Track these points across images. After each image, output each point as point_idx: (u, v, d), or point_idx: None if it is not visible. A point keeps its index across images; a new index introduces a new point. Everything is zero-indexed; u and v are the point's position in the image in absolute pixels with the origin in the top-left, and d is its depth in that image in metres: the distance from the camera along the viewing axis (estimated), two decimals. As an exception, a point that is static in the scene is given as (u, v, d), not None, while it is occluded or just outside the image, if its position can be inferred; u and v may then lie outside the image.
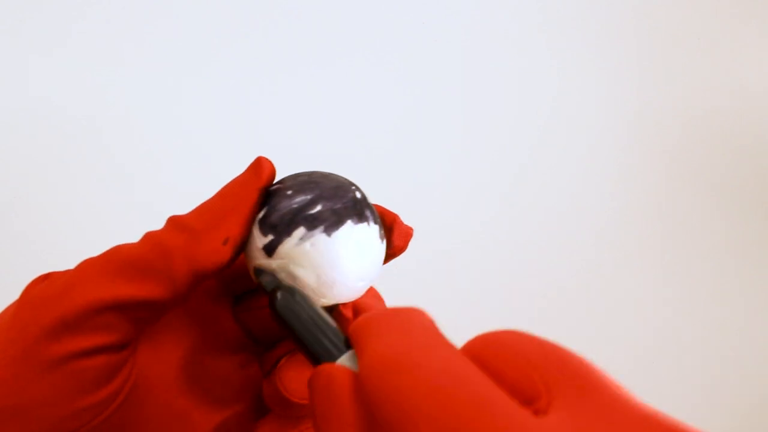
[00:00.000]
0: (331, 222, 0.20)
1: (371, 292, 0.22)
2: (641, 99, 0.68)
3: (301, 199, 0.20)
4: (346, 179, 0.22)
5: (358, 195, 0.21)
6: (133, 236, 0.20)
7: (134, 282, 0.17)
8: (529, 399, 0.12)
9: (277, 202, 0.20)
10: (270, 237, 0.20)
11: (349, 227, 0.20)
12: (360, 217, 0.20)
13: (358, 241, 0.20)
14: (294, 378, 0.20)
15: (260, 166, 0.20)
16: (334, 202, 0.21)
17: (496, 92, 0.65)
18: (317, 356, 0.16)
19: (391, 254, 0.22)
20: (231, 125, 0.58)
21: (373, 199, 0.24)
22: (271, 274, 0.20)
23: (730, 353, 0.63)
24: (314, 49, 0.62)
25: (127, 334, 0.17)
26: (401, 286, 0.56)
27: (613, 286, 0.62)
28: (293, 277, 0.20)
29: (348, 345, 0.16)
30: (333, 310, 0.22)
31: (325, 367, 0.15)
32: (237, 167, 0.24)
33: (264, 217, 0.20)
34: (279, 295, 0.18)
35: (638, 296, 0.62)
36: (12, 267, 0.50)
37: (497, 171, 0.62)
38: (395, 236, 0.21)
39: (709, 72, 0.71)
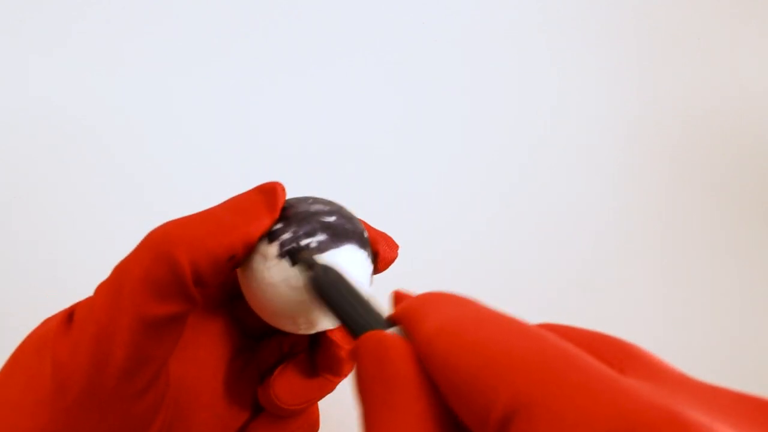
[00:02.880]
0: (340, 235, 0.20)
1: None
2: (641, 99, 0.68)
3: (318, 207, 0.21)
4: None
5: (365, 234, 0.21)
6: (134, 237, 0.20)
7: (160, 300, 0.17)
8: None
9: (294, 210, 0.20)
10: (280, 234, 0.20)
11: (353, 248, 0.20)
12: (364, 248, 0.20)
13: (355, 265, 0.20)
14: (286, 388, 0.21)
15: (275, 193, 0.19)
16: (350, 223, 0.21)
17: (496, 92, 0.65)
18: (359, 329, 0.16)
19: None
20: (231, 125, 0.58)
21: (371, 199, 0.24)
22: (307, 252, 0.19)
23: (730, 353, 0.63)
24: (314, 50, 0.62)
25: (171, 349, 0.18)
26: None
27: (613, 286, 0.62)
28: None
29: (390, 324, 0.15)
30: (322, 335, 0.22)
31: (374, 332, 0.14)
32: (237, 168, 0.24)
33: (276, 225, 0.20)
34: (320, 271, 0.18)
35: (638, 297, 0.62)
36: (12, 267, 0.50)
37: (497, 171, 0.62)
38: (379, 262, 0.22)
39: (709, 72, 0.71)
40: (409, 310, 0.14)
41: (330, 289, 0.17)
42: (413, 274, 0.59)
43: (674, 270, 0.64)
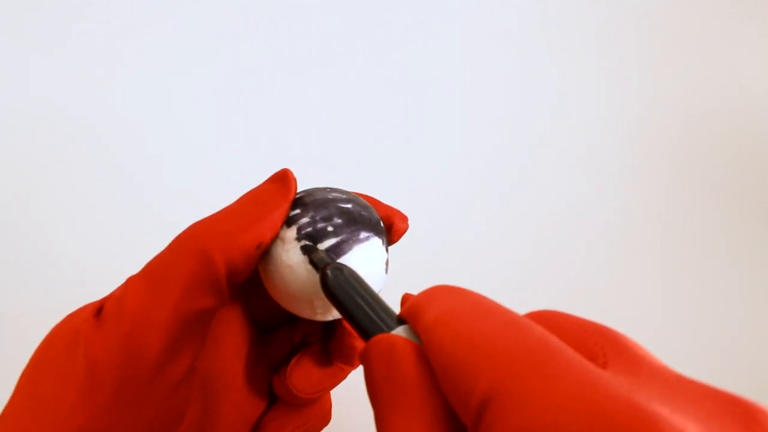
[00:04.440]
0: (356, 221, 0.21)
1: None
2: (641, 99, 0.68)
3: (336, 195, 0.21)
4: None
5: (381, 224, 0.22)
6: (135, 237, 0.21)
7: (196, 296, 0.18)
8: (587, 358, 0.13)
9: (312, 197, 0.21)
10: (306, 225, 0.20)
11: (368, 235, 0.21)
12: (379, 235, 0.21)
13: (371, 252, 0.21)
14: (303, 377, 0.21)
15: (288, 179, 0.21)
16: (366, 211, 0.22)
17: (496, 92, 0.65)
18: (369, 331, 0.16)
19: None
20: (231, 125, 0.58)
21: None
22: (322, 252, 0.20)
23: (730, 353, 0.63)
24: (314, 49, 0.62)
25: (202, 344, 0.18)
26: (400, 288, 0.56)
27: (613, 286, 0.62)
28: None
29: (400, 322, 0.16)
30: (337, 324, 0.23)
31: (383, 336, 0.15)
32: (238, 168, 0.24)
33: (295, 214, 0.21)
34: (329, 272, 0.19)
35: (638, 297, 0.62)
36: (12, 267, 0.50)
37: (497, 171, 0.62)
38: (393, 233, 0.23)
39: (709, 72, 0.71)
40: (413, 305, 0.15)
41: (339, 290, 0.18)
42: (413, 273, 0.59)
43: (674, 270, 0.64)
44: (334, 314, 0.21)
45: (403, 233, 0.24)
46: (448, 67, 0.64)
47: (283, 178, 0.21)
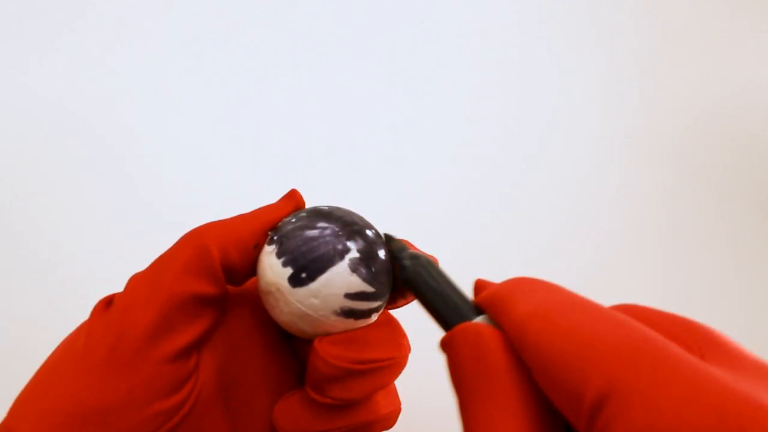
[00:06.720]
0: (319, 215, 0.21)
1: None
2: (641, 100, 0.68)
3: (324, 205, 0.22)
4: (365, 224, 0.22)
5: (364, 231, 0.21)
6: (134, 237, 0.21)
7: (192, 280, 0.19)
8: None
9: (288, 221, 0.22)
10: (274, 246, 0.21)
11: (327, 225, 0.20)
12: (348, 238, 0.20)
13: (324, 244, 0.20)
14: (284, 413, 0.21)
15: (294, 196, 0.23)
16: (341, 211, 0.21)
17: (496, 92, 0.65)
18: (449, 321, 0.16)
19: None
20: (232, 126, 0.58)
21: (370, 201, 0.24)
22: (399, 241, 0.20)
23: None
24: (313, 49, 0.62)
25: (202, 329, 0.20)
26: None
27: (613, 286, 0.62)
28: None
29: (478, 312, 0.16)
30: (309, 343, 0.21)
31: (470, 324, 0.14)
32: (238, 168, 0.24)
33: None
34: (407, 262, 0.19)
35: (638, 297, 0.62)
36: (11, 267, 0.50)
37: (497, 172, 0.62)
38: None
39: (710, 72, 0.71)
40: (497, 297, 0.15)
41: (418, 278, 0.18)
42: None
43: (675, 269, 0.64)
44: (287, 318, 0.20)
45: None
46: (447, 67, 0.64)
47: (290, 197, 0.23)
